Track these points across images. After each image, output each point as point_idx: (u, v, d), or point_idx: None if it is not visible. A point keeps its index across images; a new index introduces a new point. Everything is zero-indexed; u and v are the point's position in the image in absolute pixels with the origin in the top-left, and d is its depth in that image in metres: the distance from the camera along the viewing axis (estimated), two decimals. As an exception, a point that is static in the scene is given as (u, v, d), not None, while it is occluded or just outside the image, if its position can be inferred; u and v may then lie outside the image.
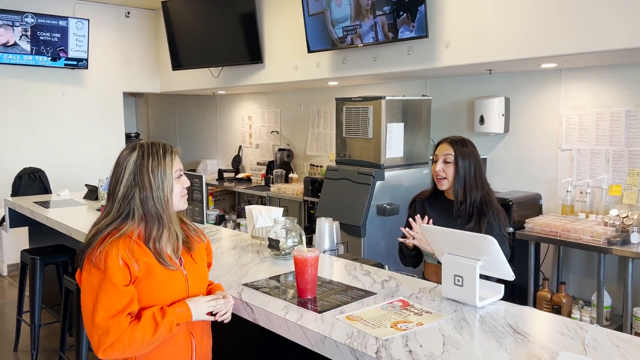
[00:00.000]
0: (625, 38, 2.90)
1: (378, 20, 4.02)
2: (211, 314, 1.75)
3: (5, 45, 5.54)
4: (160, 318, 1.60)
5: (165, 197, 1.68)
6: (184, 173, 1.81)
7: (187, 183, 1.80)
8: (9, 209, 4.41)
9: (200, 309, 1.71)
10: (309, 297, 1.90)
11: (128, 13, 6.64)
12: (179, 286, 1.71)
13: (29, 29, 5.67)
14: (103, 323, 1.54)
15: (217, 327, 1.91)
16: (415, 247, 2.39)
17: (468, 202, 2.34)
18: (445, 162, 2.37)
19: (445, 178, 2.37)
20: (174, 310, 1.65)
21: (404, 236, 2.36)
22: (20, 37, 5.63)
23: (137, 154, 1.68)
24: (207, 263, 1.93)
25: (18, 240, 5.36)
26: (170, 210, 1.70)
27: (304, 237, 2.38)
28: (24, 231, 4.82)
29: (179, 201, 1.75)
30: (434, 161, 2.42)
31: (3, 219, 4.57)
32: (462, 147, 2.36)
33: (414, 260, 2.51)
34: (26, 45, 5.68)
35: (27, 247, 4.58)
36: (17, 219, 4.39)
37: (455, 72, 4.22)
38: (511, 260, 2.15)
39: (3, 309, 4.81)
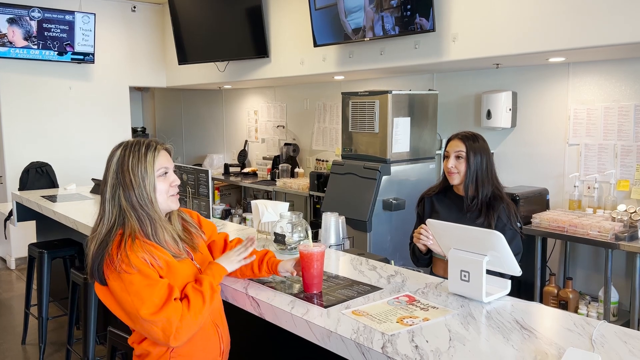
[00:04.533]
0: (635, 31, 2.86)
1: (386, 13, 3.99)
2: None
3: (11, 39, 5.56)
4: (200, 285, 1.65)
5: (149, 196, 1.63)
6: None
7: (176, 181, 1.73)
8: (17, 203, 4.44)
9: (231, 259, 1.79)
10: (315, 291, 1.90)
11: (134, 7, 6.65)
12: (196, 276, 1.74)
13: (36, 24, 5.69)
14: (158, 317, 1.53)
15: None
16: (429, 250, 2.39)
17: (479, 197, 2.33)
18: (457, 157, 2.36)
19: (457, 173, 2.36)
20: (205, 272, 1.71)
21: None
22: (27, 31, 5.64)
23: (120, 153, 1.66)
24: (217, 239, 1.98)
25: (25, 234, 5.40)
26: (157, 209, 1.66)
27: (309, 232, 2.37)
28: (31, 225, 4.85)
29: (164, 200, 1.69)
30: (445, 157, 2.41)
31: (11, 213, 4.60)
32: (474, 142, 2.36)
33: (427, 261, 2.51)
34: (33, 40, 5.69)
35: (34, 240, 4.61)
36: (24, 212, 4.41)
37: (462, 66, 4.19)
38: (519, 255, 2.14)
39: (11, 302, 4.84)
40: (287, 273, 1.92)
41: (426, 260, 2.49)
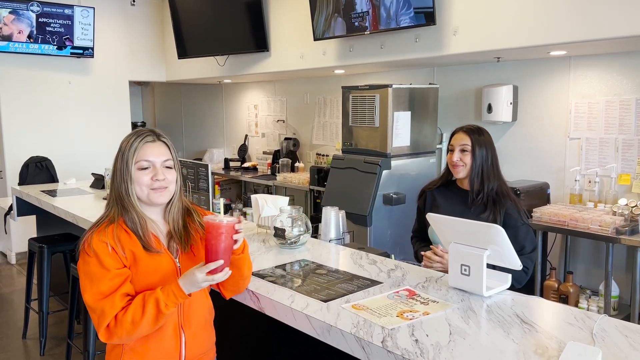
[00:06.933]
0: (636, 25, 2.85)
1: (385, 7, 3.97)
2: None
3: (10, 34, 5.54)
4: (148, 296, 1.54)
5: (126, 186, 1.63)
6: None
7: (159, 175, 1.64)
8: (17, 197, 4.43)
9: (194, 279, 1.53)
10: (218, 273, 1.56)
11: (133, 1, 6.61)
12: (171, 275, 1.64)
13: (35, 18, 5.66)
14: (97, 305, 1.54)
15: (220, 317, 1.91)
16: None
17: (485, 192, 2.32)
18: (462, 151, 2.34)
19: (463, 166, 2.35)
20: (164, 289, 1.55)
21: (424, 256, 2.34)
22: (26, 25, 5.62)
23: (124, 140, 1.68)
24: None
25: (26, 228, 5.40)
26: (133, 200, 1.63)
27: (309, 226, 2.37)
28: (31, 220, 4.85)
29: (145, 195, 1.64)
30: (450, 151, 2.40)
31: (10, 207, 4.60)
32: (479, 136, 2.34)
33: None
34: (32, 34, 5.67)
35: (34, 235, 4.61)
36: (24, 207, 4.41)
37: (463, 59, 4.17)
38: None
39: (12, 297, 4.85)
40: None
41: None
